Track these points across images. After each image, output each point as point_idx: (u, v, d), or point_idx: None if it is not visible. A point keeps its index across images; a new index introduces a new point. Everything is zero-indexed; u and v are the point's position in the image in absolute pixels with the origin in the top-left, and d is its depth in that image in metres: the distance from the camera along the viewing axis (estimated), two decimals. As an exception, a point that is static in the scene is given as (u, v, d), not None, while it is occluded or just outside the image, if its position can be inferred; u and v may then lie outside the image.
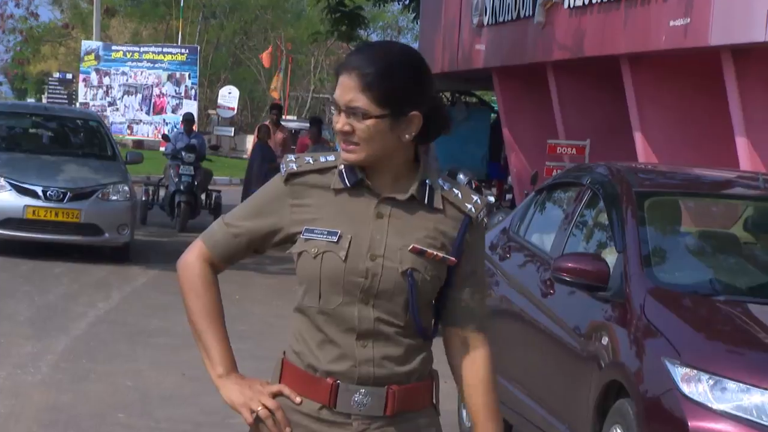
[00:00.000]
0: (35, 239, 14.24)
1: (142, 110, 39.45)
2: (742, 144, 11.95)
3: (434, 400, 3.14)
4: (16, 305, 11.20)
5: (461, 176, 13.54)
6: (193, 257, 3.12)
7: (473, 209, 3.07)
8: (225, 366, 3.08)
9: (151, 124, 39.04)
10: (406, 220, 3.03)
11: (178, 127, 27.05)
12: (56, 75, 52.33)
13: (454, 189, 3.09)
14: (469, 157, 19.77)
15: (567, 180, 7.61)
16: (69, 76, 49.95)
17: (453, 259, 3.04)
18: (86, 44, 40.90)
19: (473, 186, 13.49)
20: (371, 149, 2.98)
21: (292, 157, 3.09)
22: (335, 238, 3.00)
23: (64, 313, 10.98)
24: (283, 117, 40.76)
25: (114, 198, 14.41)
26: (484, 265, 3.20)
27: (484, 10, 17.86)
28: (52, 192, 14.11)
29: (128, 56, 39.90)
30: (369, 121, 2.96)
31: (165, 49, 40.27)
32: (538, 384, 6.72)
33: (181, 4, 46.39)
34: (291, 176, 3.06)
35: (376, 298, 3.00)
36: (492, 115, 22.87)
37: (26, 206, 14.05)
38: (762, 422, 5.18)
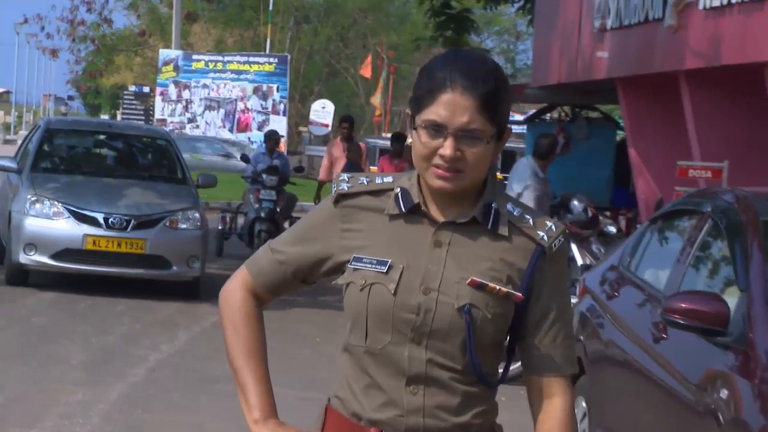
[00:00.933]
0: (95, 272, 14.44)
1: (224, 127, 39.85)
2: None
3: None
4: (70, 347, 11.39)
5: (575, 202, 13.42)
6: (236, 286, 3.17)
7: (546, 237, 3.04)
8: (262, 410, 3.13)
9: (236, 143, 39.35)
10: (468, 249, 3.01)
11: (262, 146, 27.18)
12: (131, 88, 53.27)
13: (525, 215, 3.06)
14: (591, 180, 19.61)
15: (686, 207, 7.53)
16: (145, 89, 50.76)
17: (519, 294, 3.00)
18: (164, 53, 41.47)
19: (589, 214, 13.37)
20: (475, 175, 3.00)
21: (344, 176, 3.11)
22: (384, 268, 2.99)
23: (123, 357, 11.13)
24: (383, 134, 40.94)
25: (183, 226, 14.57)
26: (566, 301, 3.13)
27: (607, 12, 17.77)
28: (114, 219, 14.31)
29: (210, 67, 40.33)
30: (483, 146, 2.98)
31: (251, 59, 40.58)
32: (648, 443, 6.65)
33: (270, 8, 46.77)
34: (341, 197, 3.07)
35: (430, 338, 2.97)
36: (618, 132, 22.72)
37: (85, 235, 14.26)
38: None
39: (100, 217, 14.33)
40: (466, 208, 3.02)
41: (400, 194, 3.04)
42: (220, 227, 19.18)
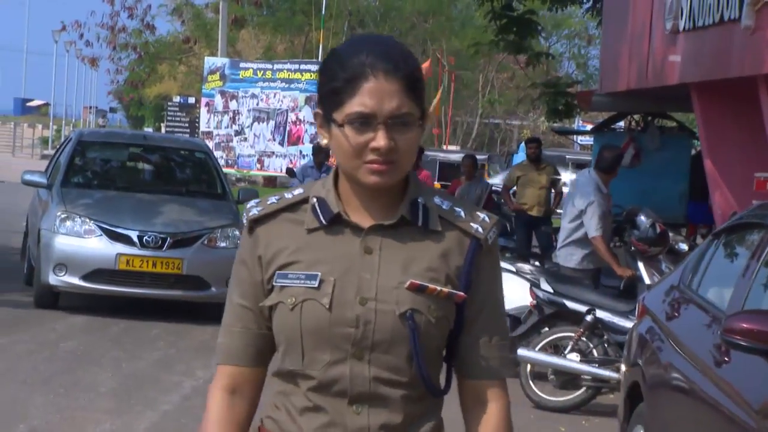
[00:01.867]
0: (129, 294, 14.55)
1: (274, 140, 39.76)
2: None
3: None
4: (100, 374, 11.47)
5: (642, 217, 13.33)
6: (212, 387, 3.09)
7: (481, 229, 2.99)
8: None
9: (285, 156, 39.29)
10: (401, 251, 2.96)
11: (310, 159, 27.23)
12: (176, 99, 53.48)
13: (455, 207, 3.01)
14: (664, 194, 19.53)
15: (751, 221, 7.49)
16: (191, 100, 50.98)
17: (462, 294, 2.95)
18: (210, 61, 41.63)
19: (657, 230, 13.31)
20: (407, 165, 2.95)
21: (253, 202, 3.06)
22: (315, 282, 2.93)
23: (155, 384, 11.20)
24: (443, 146, 40.93)
25: (223, 245, 14.61)
26: (500, 298, 3.07)
27: (680, 13, 17.71)
28: (149, 238, 14.38)
29: (259, 75, 40.34)
30: (414, 131, 2.94)
31: (303, 66, 40.51)
32: (709, 474, 6.62)
33: (323, 12, 46.81)
34: (254, 223, 3.02)
35: (372, 351, 2.91)
36: (695, 142, 22.61)
37: (119, 255, 14.34)
38: None
39: (134, 235, 14.41)
40: (391, 208, 2.97)
41: (317, 204, 2.98)
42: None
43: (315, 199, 2.98)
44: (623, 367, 8.54)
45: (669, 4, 18.07)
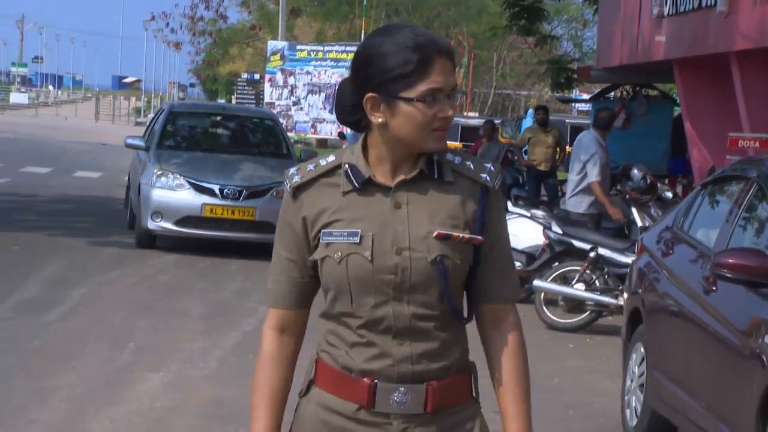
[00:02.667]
0: (212, 237, 14.57)
1: (325, 109, 39.82)
2: None
3: (474, 393, 2.96)
4: (191, 302, 11.50)
5: (635, 171, 13.28)
6: (264, 328, 3.02)
7: (488, 177, 2.90)
8: None
9: (334, 123, 39.33)
10: (424, 203, 2.86)
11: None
12: (244, 76, 53.46)
13: (465, 162, 2.91)
14: (650, 152, 19.40)
15: (733, 173, 7.40)
16: (256, 76, 50.95)
17: (480, 238, 2.87)
18: (272, 44, 41.62)
19: (648, 181, 13.24)
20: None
21: (293, 169, 2.95)
22: (357, 239, 2.84)
23: (236, 310, 11.22)
24: (465, 113, 40.78)
25: (289, 195, 14.59)
26: (507, 233, 2.98)
27: (665, 0, 17.53)
28: (228, 190, 14.40)
29: (312, 56, 40.39)
30: (456, 98, 2.92)
31: (348, 48, 40.50)
32: (699, 384, 6.57)
33: (365, 3, 46.70)
34: (297, 189, 2.92)
35: (410, 293, 2.84)
36: (675, 108, 22.43)
37: (204, 204, 14.37)
38: None
39: (216, 188, 14.43)
40: (413, 167, 2.87)
41: (349, 170, 2.88)
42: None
43: (347, 165, 2.88)
44: (625, 295, 8.48)
45: (655, -6, 17.89)
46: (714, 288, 6.52)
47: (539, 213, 12.60)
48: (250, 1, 50.23)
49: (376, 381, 2.85)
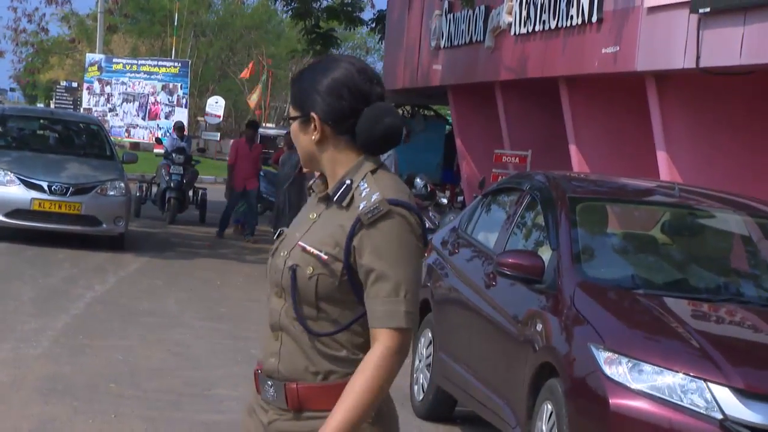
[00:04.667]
0: (40, 228, 14.08)
1: (138, 116, 39.20)
2: (662, 157, 12.01)
3: None
4: (22, 286, 11.10)
5: (418, 180, 13.54)
6: None
7: (363, 206, 2.68)
8: None
9: (147, 128, 38.81)
10: (325, 219, 2.77)
11: (170, 131, 26.75)
12: (63, 83, 51.95)
13: (367, 188, 2.71)
14: (426, 164, 19.78)
15: (510, 185, 7.59)
16: (74, 84, 49.56)
17: (324, 256, 2.69)
18: (90, 57, 40.63)
19: (428, 189, 13.50)
20: (298, 150, 2.86)
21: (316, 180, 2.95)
22: (281, 235, 2.88)
23: (65, 294, 10.89)
24: (263, 125, 40.63)
25: (111, 193, 14.27)
26: (392, 264, 2.66)
27: (441, 35, 17.87)
28: (56, 187, 13.98)
29: (127, 68, 39.68)
30: (293, 125, 2.84)
31: (160, 63, 40.02)
32: (480, 364, 6.72)
33: (175, 24, 46.14)
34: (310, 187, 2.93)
35: (284, 293, 2.76)
36: (447, 127, 22.87)
37: (33, 199, 13.90)
38: (672, 400, 5.20)
39: (45, 184, 13.97)
40: (327, 189, 2.84)
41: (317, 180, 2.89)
42: (137, 194, 18.85)
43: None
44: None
45: (433, 28, 18.20)
46: (494, 283, 6.68)
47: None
48: (71, 16, 48.81)
49: (259, 371, 2.85)
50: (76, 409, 6.81)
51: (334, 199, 2.74)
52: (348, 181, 2.75)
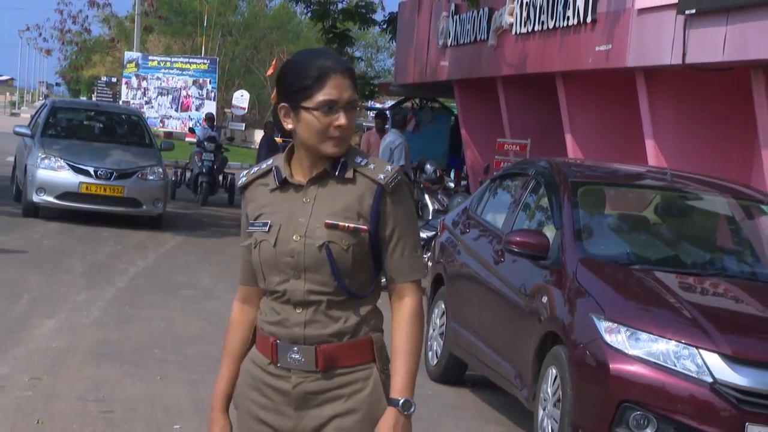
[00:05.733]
0: (88, 209, 14.09)
1: (172, 108, 39.26)
2: (650, 145, 11.97)
3: (375, 358, 2.79)
4: (73, 262, 11.13)
5: (428, 166, 13.48)
6: (234, 300, 2.96)
7: (383, 177, 2.73)
8: (217, 401, 2.92)
9: (179, 119, 38.85)
10: (327, 198, 2.74)
11: (200, 122, 26.82)
12: (104, 79, 52.03)
13: (370, 164, 2.76)
14: (434, 151, 19.71)
15: (516, 171, 7.56)
16: (114, 79, 49.60)
17: (365, 228, 2.73)
18: (128, 54, 40.64)
19: (437, 174, 13.45)
20: (351, 137, 2.77)
21: (243, 172, 2.89)
22: (266, 228, 2.76)
23: (111, 269, 10.91)
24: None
25: (151, 178, 14.28)
26: (410, 224, 2.79)
27: (448, 34, 17.80)
28: (101, 172, 13.98)
29: (162, 65, 39.71)
30: (355, 112, 2.78)
31: (191, 60, 40.10)
32: (489, 333, 6.71)
33: (204, 24, 46.11)
34: (242, 189, 2.87)
35: (306, 272, 2.73)
36: (452, 118, 22.82)
37: (81, 182, 13.91)
38: (667, 365, 5.20)
39: (91, 169, 13.97)
40: (322, 167, 2.77)
41: (275, 172, 2.80)
42: (173, 179, 18.88)
43: (274, 168, 2.80)
44: (429, 263, 8.55)
45: (441, 28, 18.13)
46: (502, 259, 6.66)
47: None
48: (111, 18, 48.80)
49: (277, 341, 2.78)
50: (125, 372, 6.82)
51: (335, 173, 2.75)
52: (342, 159, 2.76)
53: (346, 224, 2.71)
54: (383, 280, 2.83)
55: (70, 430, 5.58)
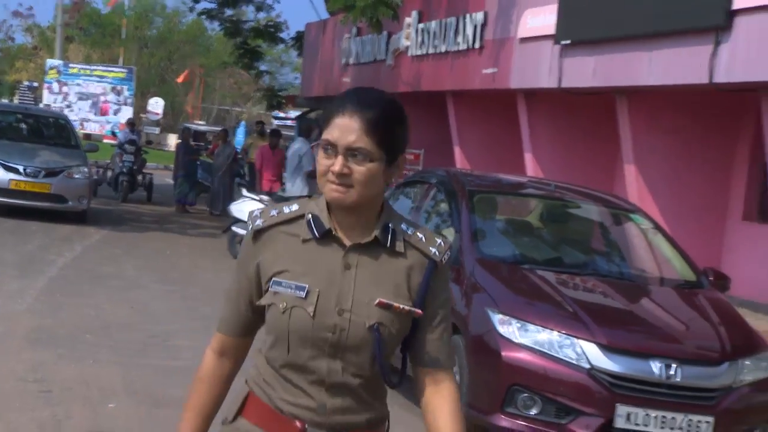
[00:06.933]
0: (17, 204, 13.70)
1: (91, 112, 38.61)
2: (528, 158, 12.23)
3: None
4: (4, 253, 10.80)
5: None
6: (208, 349, 2.31)
7: (437, 252, 2.19)
8: None
9: (98, 122, 38.20)
10: (373, 269, 2.16)
11: (117, 126, 26.43)
12: (25, 83, 50.53)
13: (417, 233, 2.20)
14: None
15: (418, 179, 7.64)
16: (35, 84, 48.24)
17: (420, 312, 2.17)
18: (50, 62, 39.71)
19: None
20: (365, 192, 2.11)
21: (257, 212, 2.22)
22: (303, 293, 2.13)
23: (41, 260, 10.63)
24: (196, 122, 40.13)
25: (76, 176, 13.97)
26: (449, 304, 2.26)
27: (351, 54, 17.86)
28: (30, 170, 13.64)
29: (82, 72, 39.03)
30: (370, 165, 2.09)
31: (110, 69, 39.50)
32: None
33: (123, 36, 45.29)
34: (258, 233, 2.19)
35: (344, 352, 2.15)
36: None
37: (11, 179, 13.54)
38: (551, 353, 5.33)
39: (21, 168, 13.61)
40: (367, 229, 2.16)
41: (312, 220, 2.16)
42: (95, 177, 18.48)
43: (310, 215, 2.16)
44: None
45: (344, 48, 18.18)
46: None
47: (265, 197, 12.53)
48: (34, 28, 47.49)
49: (306, 426, 2.17)
50: (60, 356, 6.67)
51: (387, 244, 2.17)
52: (391, 226, 2.19)
53: (402, 306, 2.15)
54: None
55: (13, 407, 5.44)
